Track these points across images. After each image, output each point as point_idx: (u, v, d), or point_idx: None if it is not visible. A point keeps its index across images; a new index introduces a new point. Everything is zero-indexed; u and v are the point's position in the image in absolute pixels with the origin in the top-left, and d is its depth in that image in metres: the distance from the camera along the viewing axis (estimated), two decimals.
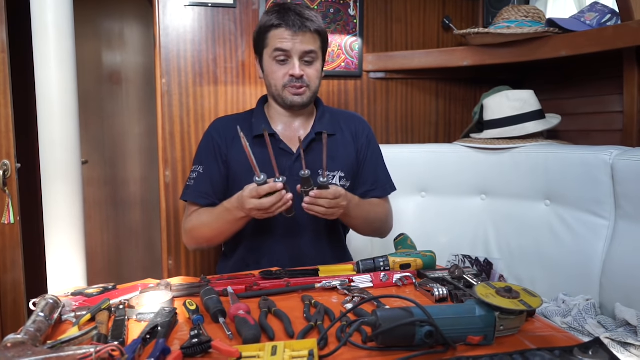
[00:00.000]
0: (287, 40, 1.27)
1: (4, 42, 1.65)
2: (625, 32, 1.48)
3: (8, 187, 1.68)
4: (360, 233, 1.44)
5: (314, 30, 1.28)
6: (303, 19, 1.27)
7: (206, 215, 1.30)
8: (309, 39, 1.28)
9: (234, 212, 1.21)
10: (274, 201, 1.12)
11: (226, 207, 1.23)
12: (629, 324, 1.23)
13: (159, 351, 0.69)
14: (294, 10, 1.28)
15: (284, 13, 1.28)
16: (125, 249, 2.96)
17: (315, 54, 1.30)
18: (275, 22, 1.27)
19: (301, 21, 1.26)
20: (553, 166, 1.59)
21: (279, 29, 1.27)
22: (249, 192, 1.14)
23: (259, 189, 1.12)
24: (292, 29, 1.26)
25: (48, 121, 1.35)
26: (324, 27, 1.33)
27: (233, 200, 1.21)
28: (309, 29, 1.27)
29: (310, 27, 1.27)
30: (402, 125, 2.11)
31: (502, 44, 1.80)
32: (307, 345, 0.72)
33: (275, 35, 1.28)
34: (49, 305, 0.82)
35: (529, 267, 1.62)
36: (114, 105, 2.86)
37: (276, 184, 1.12)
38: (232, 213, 1.22)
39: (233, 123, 1.41)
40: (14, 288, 1.74)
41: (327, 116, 1.41)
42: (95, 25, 2.79)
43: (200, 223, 1.31)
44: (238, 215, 1.20)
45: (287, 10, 1.28)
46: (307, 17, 1.28)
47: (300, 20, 1.26)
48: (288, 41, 1.27)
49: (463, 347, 0.74)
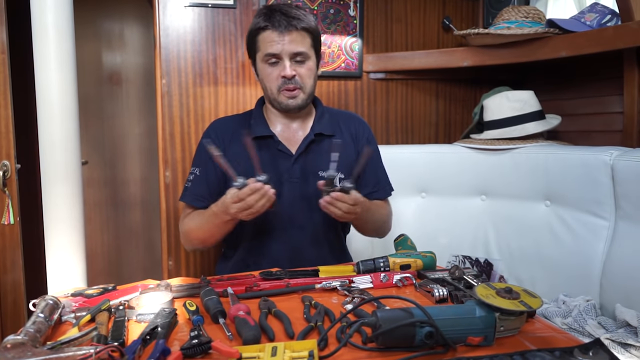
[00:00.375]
0: (275, 42, 1.26)
1: (4, 43, 1.65)
2: (626, 32, 1.48)
3: (8, 188, 1.68)
4: (362, 233, 1.45)
5: (302, 29, 1.27)
6: (289, 18, 1.25)
7: (198, 219, 1.31)
8: (297, 37, 1.26)
9: (220, 215, 1.21)
10: (257, 198, 1.12)
11: (213, 210, 1.23)
12: (629, 325, 1.23)
13: (158, 352, 0.69)
14: (280, 10, 1.27)
15: (270, 14, 1.27)
16: (125, 250, 2.95)
17: (306, 53, 1.29)
18: (262, 24, 1.27)
19: (287, 20, 1.25)
20: (553, 167, 1.59)
21: (266, 31, 1.27)
22: (230, 198, 1.14)
23: (239, 194, 1.12)
24: (278, 30, 1.25)
25: (48, 122, 1.35)
26: (313, 25, 1.30)
27: (219, 204, 1.21)
28: (295, 28, 1.25)
29: (296, 25, 1.26)
30: (402, 126, 2.11)
31: (502, 45, 1.80)
32: (307, 346, 0.72)
33: (264, 38, 1.27)
34: (48, 306, 0.82)
35: (529, 268, 1.62)
36: (114, 105, 2.86)
37: (255, 184, 1.11)
38: (218, 216, 1.22)
39: (231, 124, 1.41)
40: (13, 289, 1.74)
41: (326, 116, 1.41)
42: (95, 26, 2.79)
43: (193, 226, 1.32)
44: (225, 218, 1.21)
45: (273, 12, 1.27)
46: (294, 16, 1.26)
47: (286, 19, 1.25)
48: (276, 43, 1.26)
49: (463, 348, 0.74)
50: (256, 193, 1.11)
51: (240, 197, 1.12)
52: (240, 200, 1.12)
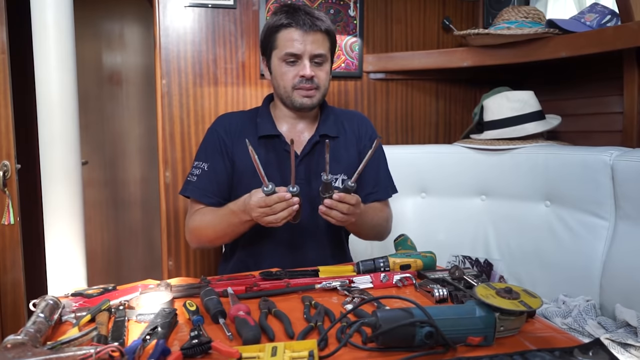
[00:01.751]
0: (297, 42, 1.24)
1: (4, 42, 1.65)
2: (625, 33, 1.48)
3: (8, 188, 1.68)
4: (360, 238, 1.44)
5: (324, 30, 1.26)
6: (313, 18, 1.24)
7: (210, 216, 1.29)
8: (319, 39, 1.26)
9: (239, 215, 1.19)
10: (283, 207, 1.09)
11: (232, 209, 1.22)
12: (629, 325, 1.23)
13: (158, 352, 0.69)
14: (304, 9, 1.26)
15: (293, 12, 1.25)
16: (125, 250, 2.96)
17: (325, 55, 1.28)
18: (284, 21, 1.25)
19: (311, 20, 1.24)
20: (553, 167, 1.59)
21: (288, 28, 1.25)
22: (256, 201, 1.12)
23: (267, 200, 1.10)
24: (302, 29, 1.24)
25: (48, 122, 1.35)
26: (333, 27, 1.31)
27: (239, 203, 1.19)
28: (319, 29, 1.25)
29: (320, 26, 1.25)
30: (402, 126, 2.12)
31: (502, 45, 1.80)
32: (307, 346, 0.72)
33: (285, 36, 1.26)
34: (49, 306, 0.82)
35: (529, 268, 1.62)
36: (114, 105, 2.86)
37: (284, 194, 1.09)
38: (237, 216, 1.20)
39: (237, 120, 1.40)
40: (13, 289, 1.74)
41: (331, 118, 1.40)
42: (96, 26, 2.80)
43: (205, 223, 1.30)
44: (244, 218, 1.19)
45: (296, 10, 1.26)
46: (317, 17, 1.26)
47: (310, 19, 1.24)
48: (299, 42, 1.24)
49: (463, 348, 0.74)
50: (283, 202, 1.10)
51: (267, 203, 1.10)
52: (266, 206, 1.10)
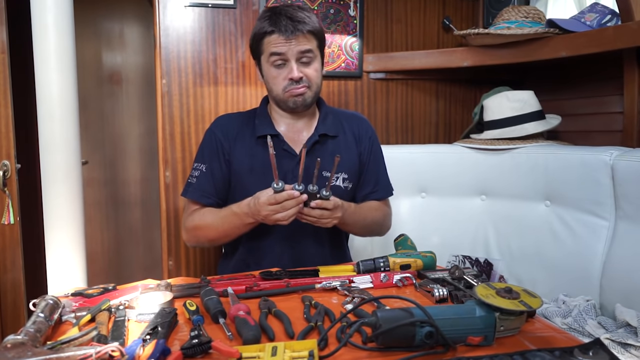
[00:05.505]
0: (281, 46, 1.25)
1: (4, 42, 1.65)
2: (626, 32, 1.47)
3: (8, 188, 1.68)
4: (356, 235, 1.46)
5: (307, 32, 1.26)
6: (295, 22, 1.25)
7: (211, 217, 1.30)
8: (303, 40, 1.26)
9: (242, 217, 1.21)
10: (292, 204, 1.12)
11: (235, 211, 1.23)
12: (629, 325, 1.23)
13: (159, 352, 0.69)
14: (285, 14, 1.26)
15: (275, 19, 1.26)
16: (125, 250, 2.95)
17: (312, 53, 1.28)
18: (267, 28, 1.26)
19: (293, 25, 1.24)
20: (553, 167, 1.59)
21: (272, 35, 1.26)
22: (266, 199, 1.13)
23: (276, 196, 1.12)
24: (284, 34, 1.24)
25: (48, 121, 1.35)
26: (318, 26, 1.30)
27: (243, 206, 1.21)
28: (301, 32, 1.25)
29: (302, 29, 1.25)
30: (402, 126, 2.11)
31: (502, 45, 1.80)
32: (307, 346, 0.72)
33: (270, 42, 1.27)
34: (48, 306, 0.82)
35: (529, 268, 1.62)
36: (114, 105, 2.86)
37: (293, 192, 1.12)
38: (240, 218, 1.22)
39: (236, 121, 1.41)
40: (13, 288, 1.74)
41: (329, 117, 1.41)
42: (95, 26, 2.79)
43: (205, 223, 1.31)
44: (247, 220, 1.21)
45: (278, 15, 1.26)
46: (299, 20, 1.25)
47: (292, 24, 1.24)
48: (282, 46, 1.25)
49: (463, 348, 0.74)
50: (292, 200, 1.12)
51: (277, 200, 1.12)
52: (276, 203, 1.12)
